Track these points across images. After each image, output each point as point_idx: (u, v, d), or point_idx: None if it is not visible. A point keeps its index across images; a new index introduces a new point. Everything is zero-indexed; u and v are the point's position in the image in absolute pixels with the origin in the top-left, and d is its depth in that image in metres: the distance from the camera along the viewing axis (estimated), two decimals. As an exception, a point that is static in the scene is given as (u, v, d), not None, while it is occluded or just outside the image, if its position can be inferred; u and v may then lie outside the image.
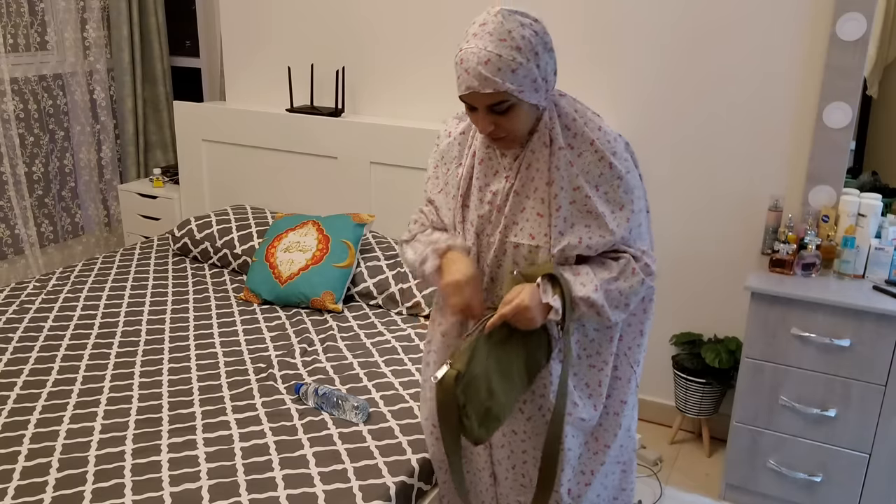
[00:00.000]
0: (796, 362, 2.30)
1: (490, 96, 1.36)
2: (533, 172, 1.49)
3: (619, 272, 1.49)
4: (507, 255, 1.53)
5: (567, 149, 1.47)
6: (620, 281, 1.49)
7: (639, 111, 2.74)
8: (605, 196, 1.48)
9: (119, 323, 2.51)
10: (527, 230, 1.50)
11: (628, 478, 1.73)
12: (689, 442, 2.87)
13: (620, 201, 1.48)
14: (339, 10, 3.16)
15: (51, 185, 3.84)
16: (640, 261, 1.52)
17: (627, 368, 1.63)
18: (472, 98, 1.38)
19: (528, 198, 1.50)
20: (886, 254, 2.35)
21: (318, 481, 1.70)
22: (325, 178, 3.21)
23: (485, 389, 1.44)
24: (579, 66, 2.77)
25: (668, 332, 2.89)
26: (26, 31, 3.63)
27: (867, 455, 2.27)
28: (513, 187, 1.51)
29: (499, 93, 1.35)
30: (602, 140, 1.47)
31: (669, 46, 2.63)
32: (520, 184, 1.50)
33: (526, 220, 1.50)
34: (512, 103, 1.38)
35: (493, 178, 1.54)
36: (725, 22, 2.53)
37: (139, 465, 1.74)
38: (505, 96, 1.36)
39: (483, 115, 1.40)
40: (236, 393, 2.08)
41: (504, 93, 1.36)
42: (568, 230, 1.48)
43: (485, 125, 1.40)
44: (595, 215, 1.47)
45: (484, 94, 1.36)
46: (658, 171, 2.76)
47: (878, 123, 2.53)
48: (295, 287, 2.67)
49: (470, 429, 1.44)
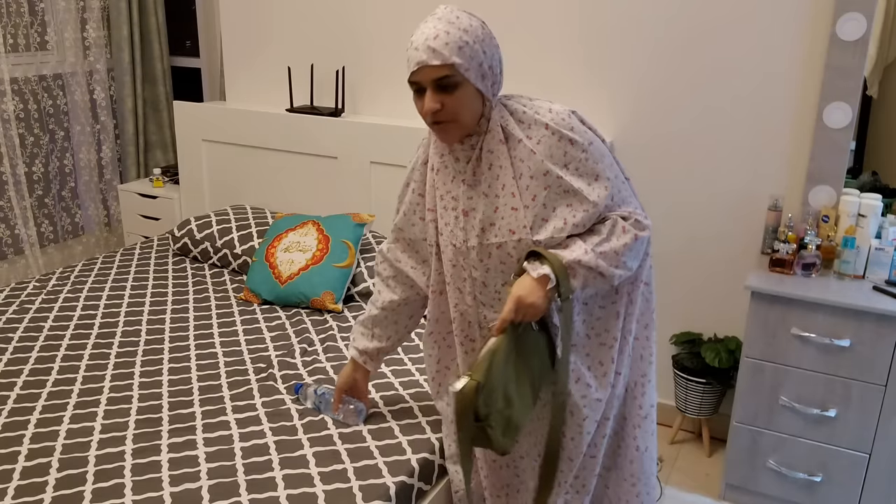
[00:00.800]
0: (796, 362, 2.30)
1: (437, 69, 1.40)
2: (496, 171, 1.52)
3: (608, 233, 1.50)
4: (493, 256, 1.55)
5: (525, 140, 1.50)
6: (613, 240, 1.50)
7: (638, 111, 2.74)
8: (577, 171, 1.50)
9: (119, 323, 2.51)
10: (504, 227, 1.51)
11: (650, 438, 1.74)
12: (690, 442, 2.87)
13: (594, 171, 1.50)
14: (339, 11, 3.16)
15: (51, 185, 3.84)
16: (629, 219, 1.53)
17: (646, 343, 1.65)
18: (421, 74, 1.41)
19: (497, 196, 1.52)
20: (886, 254, 2.35)
21: (318, 481, 1.70)
22: (325, 178, 3.21)
23: (502, 398, 1.44)
24: (577, 67, 2.77)
25: (668, 332, 2.89)
26: (26, 31, 3.63)
27: (867, 455, 2.27)
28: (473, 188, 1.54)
29: (446, 65, 1.39)
30: (556, 120, 1.50)
31: (669, 46, 2.63)
32: (486, 185, 1.53)
33: (501, 219, 1.52)
34: (458, 81, 1.42)
35: (451, 185, 1.57)
36: (725, 21, 2.53)
37: (139, 465, 1.74)
38: (452, 70, 1.40)
39: (430, 94, 1.43)
40: (236, 393, 2.08)
41: (451, 66, 1.40)
42: (550, 215, 1.50)
43: (431, 104, 1.42)
44: (573, 192, 1.49)
45: (431, 68, 1.40)
46: (658, 171, 2.76)
47: (878, 123, 2.53)
48: (295, 287, 2.67)
49: (495, 439, 1.43)
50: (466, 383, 1.39)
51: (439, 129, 1.48)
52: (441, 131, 1.48)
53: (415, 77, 1.42)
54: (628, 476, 1.67)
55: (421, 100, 1.45)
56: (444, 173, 1.58)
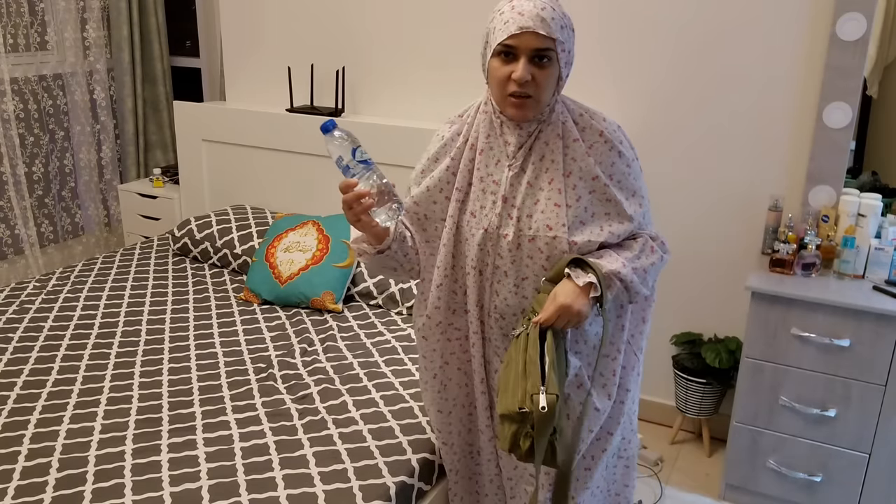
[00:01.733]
0: (796, 362, 2.30)
1: (541, 39, 1.39)
2: (547, 164, 1.50)
3: (639, 250, 1.53)
4: (522, 248, 1.52)
5: (580, 141, 1.51)
6: (643, 258, 1.52)
7: (640, 111, 2.74)
8: (619, 184, 1.52)
9: (119, 323, 2.51)
10: (542, 221, 1.49)
11: (630, 474, 1.73)
12: (690, 442, 2.87)
13: (632, 188, 1.54)
14: (339, 11, 3.16)
15: (51, 185, 3.84)
16: (656, 240, 1.57)
17: (632, 356, 1.64)
18: (523, 40, 1.39)
19: (541, 189, 1.50)
20: (886, 254, 2.35)
21: (318, 481, 1.70)
22: (325, 178, 3.21)
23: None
24: (577, 67, 2.77)
25: (668, 332, 2.89)
26: (26, 31, 3.63)
27: (867, 455, 2.27)
28: (519, 177, 1.51)
29: (549, 38, 1.40)
30: (609, 130, 1.52)
31: (670, 48, 2.63)
32: (532, 175, 1.51)
33: (541, 212, 1.50)
34: (552, 57, 1.42)
35: (494, 168, 1.54)
36: (726, 25, 2.53)
37: (139, 465, 1.74)
38: (552, 45, 1.40)
39: (524, 63, 1.41)
40: (236, 393, 2.08)
41: (553, 41, 1.40)
42: (589, 220, 1.50)
43: (524, 72, 1.41)
44: (614, 203, 1.51)
45: (535, 37, 1.39)
46: (659, 171, 2.76)
47: (878, 123, 2.53)
48: (295, 287, 2.67)
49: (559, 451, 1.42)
50: (548, 399, 1.36)
51: (517, 103, 1.45)
52: (518, 105, 1.45)
53: (513, 41, 1.40)
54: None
55: (506, 64, 1.43)
56: (489, 155, 1.54)
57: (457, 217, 1.57)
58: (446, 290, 1.62)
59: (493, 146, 1.54)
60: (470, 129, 1.58)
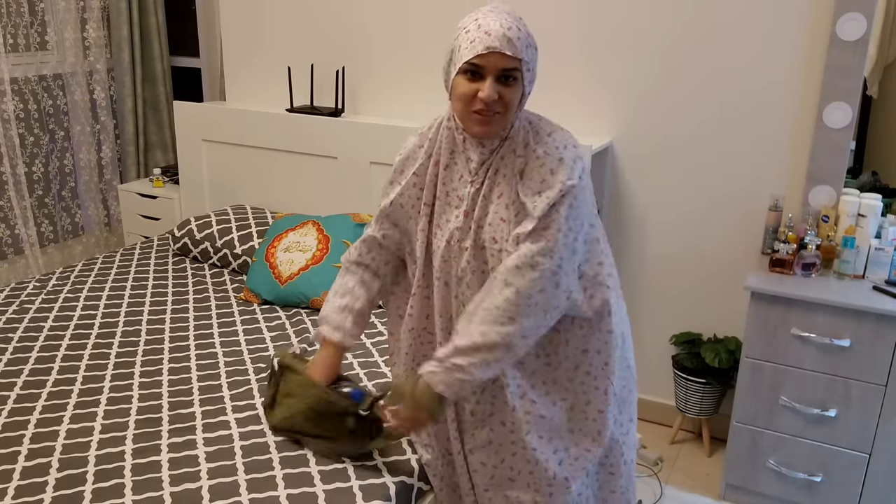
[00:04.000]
0: (796, 362, 2.30)
1: (507, 60, 1.41)
2: (500, 178, 1.52)
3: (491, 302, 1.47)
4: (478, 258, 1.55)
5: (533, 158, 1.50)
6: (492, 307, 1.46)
7: (639, 111, 2.74)
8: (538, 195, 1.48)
9: (119, 323, 2.51)
10: (490, 234, 1.52)
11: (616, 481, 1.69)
12: (690, 442, 2.87)
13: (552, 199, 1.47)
14: (339, 11, 3.16)
15: (51, 185, 3.84)
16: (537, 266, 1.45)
17: (604, 380, 1.61)
18: (490, 59, 1.41)
19: (491, 202, 1.53)
20: (886, 254, 2.35)
21: (318, 481, 1.70)
22: (325, 178, 3.21)
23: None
24: (578, 68, 2.77)
25: (668, 332, 2.89)
26: (26, 31, 3.63)
27: (867, 455, 2.27)
28: (479, 191, 1.53)
29: (515, 59, 1.41)
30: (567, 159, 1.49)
31: (669, 46, 2.63)
32: (487, 188, 1.53)
33: (489, 224, 1.52)
34: (517, 77, 1.44)
35: (458, 183, 1.57)
36: (727, 25, 2.53)
37: (139, 465, 1.74)
38: (518, 65, 1.42)
39: (491, 82, 1.42)
40: (236, 393, 2.08)
41: (519, 62, 1.42)
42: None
43: (491, 91, 1.42)
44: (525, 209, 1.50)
45: (502, 57, 1.40)
46: (658, 171, 2.76)
47: (878, 123, 2.53)
48: (295, 287, 2.67)
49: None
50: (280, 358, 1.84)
51: (484, 120, 1.46)
52: (484, 122, 1.46)
53: (480, 60, 1.41)
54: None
55: (472, 82, 1.43)
56: (453, 170, 1.57)
57: (427, 231, 1.62)
58: (419, 298, 1.67)
59: (457, 161, 1.57)
60: (433, 145, 1.61)
